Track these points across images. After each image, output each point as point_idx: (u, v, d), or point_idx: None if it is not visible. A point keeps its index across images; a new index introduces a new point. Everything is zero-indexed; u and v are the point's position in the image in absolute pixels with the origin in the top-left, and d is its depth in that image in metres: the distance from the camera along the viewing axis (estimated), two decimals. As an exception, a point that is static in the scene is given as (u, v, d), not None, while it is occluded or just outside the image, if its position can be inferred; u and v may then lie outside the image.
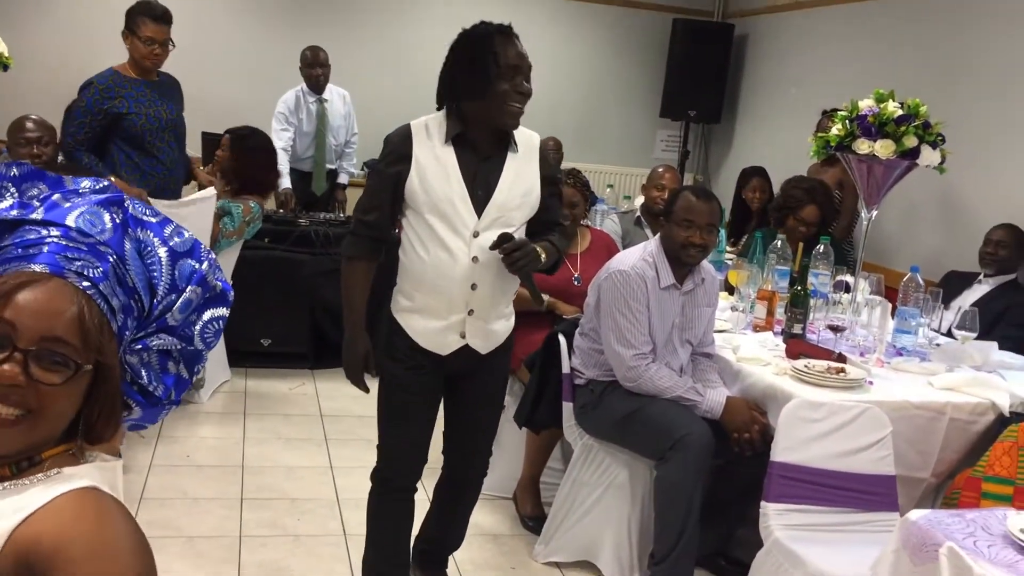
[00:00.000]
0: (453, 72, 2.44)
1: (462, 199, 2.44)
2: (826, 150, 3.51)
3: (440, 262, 2.47)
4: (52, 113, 4.29)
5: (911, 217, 5.13)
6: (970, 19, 4.89)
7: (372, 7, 6.99)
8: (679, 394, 2.99)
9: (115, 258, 1.15)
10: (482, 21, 2.44)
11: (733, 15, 7.52)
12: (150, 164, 3.83)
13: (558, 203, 2.67)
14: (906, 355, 3.30)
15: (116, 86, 3.86)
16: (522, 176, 2.51)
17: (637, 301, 3.03)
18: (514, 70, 2.38)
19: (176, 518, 3.42)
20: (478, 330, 2.56)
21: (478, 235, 2.45)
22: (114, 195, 1.20)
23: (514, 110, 2.41)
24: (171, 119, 3.94)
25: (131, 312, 1.17)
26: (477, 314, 2.53)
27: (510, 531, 3.55)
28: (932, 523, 2.00)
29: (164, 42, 3.90)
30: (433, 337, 2.55)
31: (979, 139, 4.58)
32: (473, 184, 2.45)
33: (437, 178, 2.44)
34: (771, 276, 3.72)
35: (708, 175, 7.75)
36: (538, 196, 2.54)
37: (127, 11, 4.02)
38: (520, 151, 2.51)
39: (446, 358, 2.57)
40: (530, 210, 2.53)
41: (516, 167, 2.50)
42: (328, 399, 4.73)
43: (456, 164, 2.45)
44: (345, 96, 6.27)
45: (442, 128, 2.47)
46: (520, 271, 2.45)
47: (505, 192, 2.47)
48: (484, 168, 2.47)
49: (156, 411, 1.27)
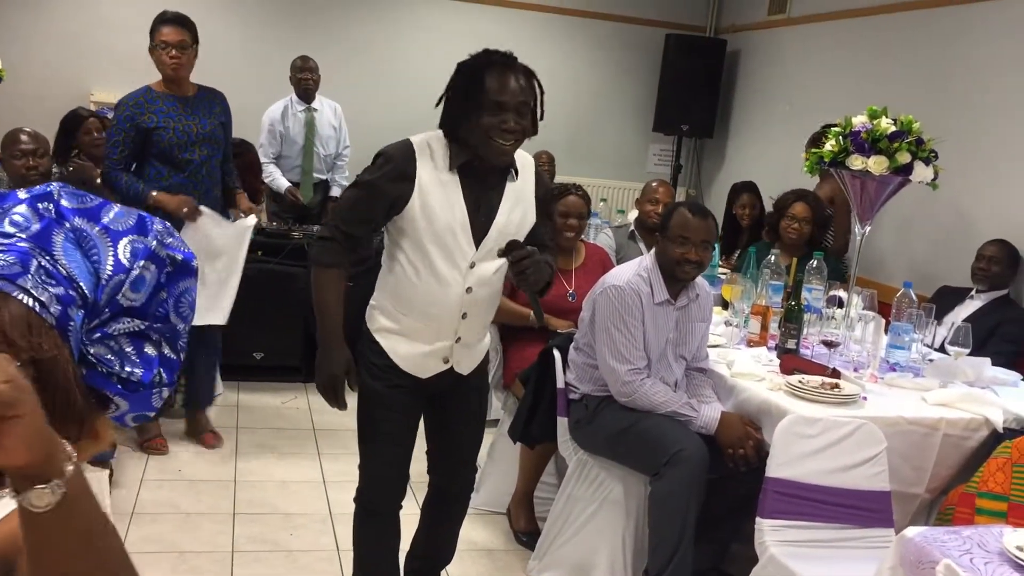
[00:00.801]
0: (447, 100, 2.39)
1: (463, 229, 2.38)
2: (820, 166, 3.53)
3: (432, 291, 2.42)
4: (46, 126, 4.28)
5: (904, 232, 5.16)
6: (962, 35, 4.93)
7: (365, 21, 7.01)
8: (674, 409, 2.99)
9: (39, 250, 1.13)
10: (485, 50, 2.36)
11: (726, 30, 7.56)
12: (179, 177, 3.78)
13: (547, 224, 2.61)
14: (900, 371, 3.31)
15: (146, 102, 3.81)
16: (520, 200, 2.46)
17: (632, 316, 3.03)
18: (499, 106, 2.27)
19: (168, 533, 3.40)
20: (463, 356, 2.54)
21: (475, 266, 2.42)
22: (42, 190, 1.19)
23: (498, 147, 2.30)
24: (203, 132, 3.84)
25: (71, 301, 1.14)
26: (464, 341, 2.51)
27: (504, 546, 3.54)
28: (929, 540, 2.00)
29: (180, 44, 3.79)
30: (416, 361, 2.50)
31: (972, 155, 4.60)
32: (476, 214, 2.39)
33: (441, 206, 2.36)
34: (765, 291, 3.72)
35: (700, 189, 7.77)
36: (533, 218, 2.49)
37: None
38: (520, 178, 2.46)
39: (426, 380, 2.53)
40: (524, 233, 2.48)
41: (515, 192, 2.45)
42: (321, 413, 4.71)
43: (460, 193, 2.37)
44: (336, 108, 6.29)
45: (446, 152, 2.38)
46: (525, 281, 2.34)
47: (504, 218, 2.42)
48: (486, 197, 2.41)
49: (145, 397, 1.24)
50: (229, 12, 6.62)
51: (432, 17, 7.06)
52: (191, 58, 3.86)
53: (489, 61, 2.32)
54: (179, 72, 3.81)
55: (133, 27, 6.70)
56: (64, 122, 4.87)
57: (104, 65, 6.69)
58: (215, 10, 6.62)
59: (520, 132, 2.31)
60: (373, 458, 2.61)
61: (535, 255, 2.32)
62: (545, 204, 2.55)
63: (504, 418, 3.78)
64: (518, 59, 2.36)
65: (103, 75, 6.68)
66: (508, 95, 2.27)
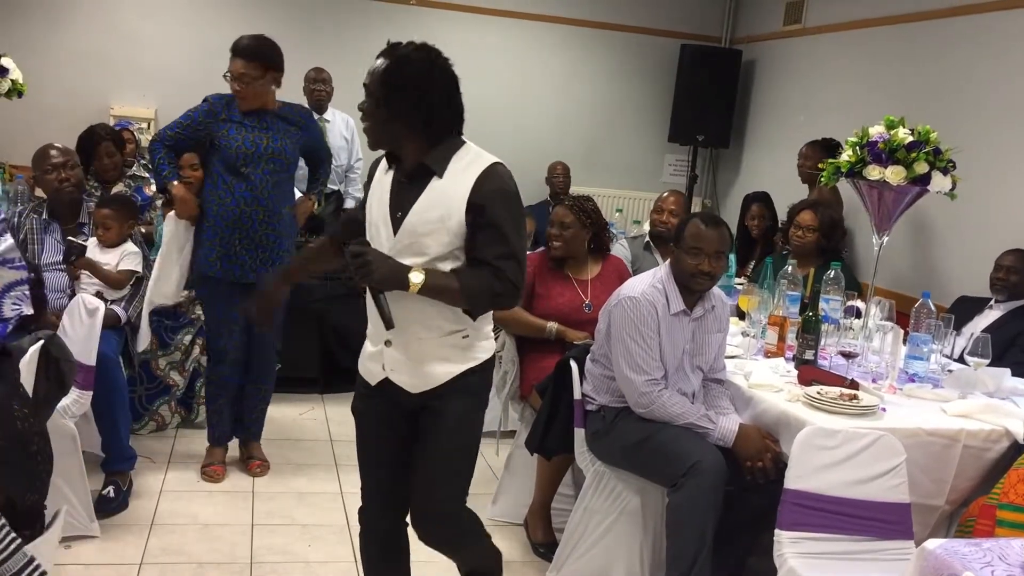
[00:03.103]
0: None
1: (384, 223, 2.37)
2: (837, 176, 3.52)
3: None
4: (67, 140, 4.32)
5: (922, 242, 5.13)
6: (977, 44, 4.91)
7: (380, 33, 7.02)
8: (691, 421, 2.99)
9: None
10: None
11: (741, 40, 7.56)
12: (240, 188, 3.80)
13: (493, 238, 2.28)
14: (919, 381, 3.29)
15: (225, 107, 3.82)
16: (441, 201, 2.30)
17: (647, 327, 3.03)
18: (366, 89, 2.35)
19: (187, 543, 3.41)
20: (399, 365, 2.40)
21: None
22: None
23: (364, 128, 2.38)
24: (272, 148, 3.80)
25: None
26: (395, 347, 2.39)
27: (521, 558, 3.54)
28: (949, 552, 1.99)
29: (242, 77, 3.73)
30: (367, 364, 2.51)
31: (988, 164, 4.58)
32: (394, 207, 2.37)
33: (373, 202, 2.43)
34: (782, 302, 3.71)
35: (716, 200, 7.76)
36: (460, 223, 2.28)
37: None
38: (448, 176, 2.31)
39: (382, 390, 2.46)
40: (450, 239, 2.29)
41: (439, 190, 2.31)
42: (339, 424, 4.72)
43: (389, 189, 2.40)
44: (348, 121, 6.32)
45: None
46: (360, 281, 2.27)
47: (417, 215, 2.31)
48: (406, 192, 2.35)
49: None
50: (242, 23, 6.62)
51: (446, 30, 7.08)
52: (258, 89, 3.79)
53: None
54: (244, 103, 3.79)
55: (153, 42, 6.80)
56: (81, 140, 4.91)
57: (124, 80, 6.77)
58: (228, 21, 6.67)
59: (366, 114, 2.35)
60: (361, 471, 2.61)
61: (366, 255, 2.24)
62: (478, 212, 2.28)
63: (521, 429, 3.78)
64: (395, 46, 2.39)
65: (123, 89, 6.76)
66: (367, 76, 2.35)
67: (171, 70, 6.76)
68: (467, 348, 2.41)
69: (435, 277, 2.27)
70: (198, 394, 4.54)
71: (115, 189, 4.84)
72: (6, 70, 4.94)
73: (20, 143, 5.47)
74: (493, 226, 2.28)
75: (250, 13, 6.74)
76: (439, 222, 2.30)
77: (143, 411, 4.38)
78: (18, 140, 5.77)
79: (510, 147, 2.33)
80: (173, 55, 6.80)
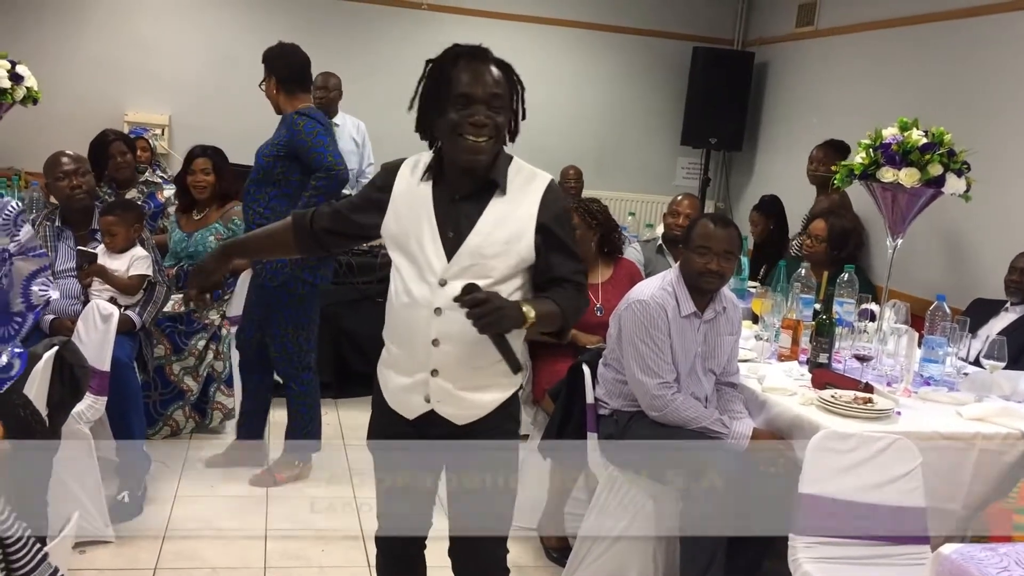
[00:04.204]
0: (418, 101, 2.19)
1: (432, 239, 2.14)
2: (850, 179, 3.51)
3: (404, 309, 2.19)
4: (81, 146, 4.36)
5: (936, 245, 5.10)
6: (991, 45, 4.88)
7: (391, 38, 7.05)
8: (705, 425, 2.97)
9: None
10: (455, 44, 2.19)
11: (753, 43, 7.54)
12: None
13: (565, 256, 2.21)
14: (934, 385, 3.27)
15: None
16: (508, 220, 2.15)
17: (658, 330, 3.03)
18: (465, 99, 2.07)
19: (201, 549, 3.42)
20: (446, 395, 2.20)
21: (445, 284, 2.13)
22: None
23: (467, 144, 2.07)
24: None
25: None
26: (443, 376, 2.18)
27: (534, 563, 3.53)
28: (965, 557, 1.98)
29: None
30: (399, 396, 2.26)
31: (1002, 166, 4.55)
32: (447, 227, 2.15)
33: (408, 216, 2.18)
34: (795, 305, 3.70)
35: (729, 202, 7.75)
36: (529, 245, 2.15)
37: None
38: (511, 193, 2.16)
39: (420, 424, 2.25)
40: (518, 261, 2.15)
41: (502, 209, 2.15)
42: (352, 428, 4.73)
43: (430, 201, 2.16)
44: (359, 125, 6.33)
45: (427, 163, 2.22)
46: (485, 330, 2.01)
47: (482, 236, 2.13)
48: (460, 209, 2.15)
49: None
50: (255, 29, 6.68)
51: (458, 34, 6.95)
52: (267, 94, 3.99)
53: (457, 53, 2.15)
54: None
55: (167, 49, 6.83)
56: (92, 145, 4.94)
57: (138, 86, 6.80)
58: (241, 27, 6.71)
59: (492, 127, 2.09)
60: (379, 501, 2.44)
61: (493, 302, 1.98)
62: (550, 233, 2.17)
63: (534, 434, 3.77)
64: (491, 52, 2.17)
65: (137, 96, 6.79)
66: (477, 87, 2.08)
67: (185, 77, 6.80)
68: (508, 376, 2.24)
69: (541, 305, 2.11)
70: (212, 399, 4.56)
71: (129, 194, 4.87)
72: (21, 77, 4.97)
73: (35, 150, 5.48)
74: (564, 244, 2.19)
75: (262, 19, 6.76)
76: (507, 243, 2.14)
77: (157, 416, 4.40)
78: (33, 147, 5.79)
79: (522, 152, 2.28)
80: (187, 62, 6.84)
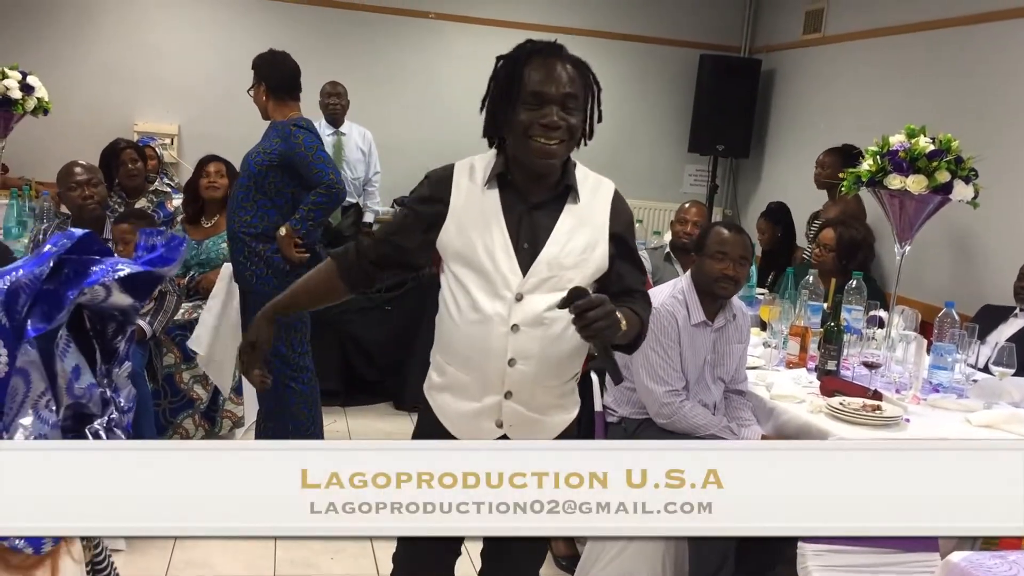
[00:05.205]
0: (488, 101, 2.07)
1: (504, 251, 2.00)
2: (858, 185, 3.51)
3: (473, 328, 2.02)
4: (91, 156, 4.39)
5: (944, 251, 5.09)
6: (999, 51, 4.88)
7: (397, 46, 7.08)
8: (713, 432, 2.98)
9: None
10: (528, 40, 2.08)
11: (760, 50, 7.54)
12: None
13: (634, 266, 2.14)
14: (943, 391, 3.27)
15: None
16: (583, 229, 2.04)
17: (668, 338, 3.03)
18: (537, 97, 1.95)
19: (211, 556, 3.43)
20: (520, 420, 2.05)
21: (522, 298, 1.99)
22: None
23: (538, 146, 1.95)
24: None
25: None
26: (517, 398, 2.03)
27: (543, 571, 3.51)
28: (974, 565, 1.97)
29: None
30: (464, 423, 2.08)
31: (1011, 172, 4.54)
32: (520, 237, 2.01)
33: (476, 226, 2.02)
34: (804, 312, 3.70)
35: (737, 210, 7.74)
36: (604, 255, 2.05)
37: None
38: (584, 200, 2.06)
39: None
40: (593, 271, 2.05)
41: (576, 218, 2.05)
42: (360, 436, 4.73)
43: (499, 210, 2.02)
44: (365, 134, 6.35)
45: (488, 168, 2.06)
46: (595, 337, 1.85)
47: (559, 247, 2.01)
48: (533, 217, 2.02)
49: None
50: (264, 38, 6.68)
51: (464, 42, 7.12)
52: (255, 101, 3.90)
53: (530, 50, 2.02)
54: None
55: (176, 58, 6.86)
56: (103, 154, 4.97)
57: (148, 96, 6.83)
58: (250, 36, 6.72)
59: (566, 129, 1.97)
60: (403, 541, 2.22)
61: (605, 305, 1.83)
62: (623, 243, 2.10)
63: (542, 441, 3.77)
64: (566, 49, 2.05)
65: (147, 105, 6.82)
66: (550, 85, 1.95)
67: (194, 86, 6.83)
68: (574, 391, 2.17)
69: (626, 314, 1.97)
70: (221, 407, 4.57)
71: (138, 204, 4.90)
72: (32, 88, 5.00)
73: (45, 160, 5.53)
74: (634, 254, 2.14)
75: (272, 29, 6.78)
76: (584, 253, 2.03)
77: (167, 424, 4.41)
78: (43, 157, 5.84)
79: (530, 159, 2.22)
80: (196, 71, 6.87)
